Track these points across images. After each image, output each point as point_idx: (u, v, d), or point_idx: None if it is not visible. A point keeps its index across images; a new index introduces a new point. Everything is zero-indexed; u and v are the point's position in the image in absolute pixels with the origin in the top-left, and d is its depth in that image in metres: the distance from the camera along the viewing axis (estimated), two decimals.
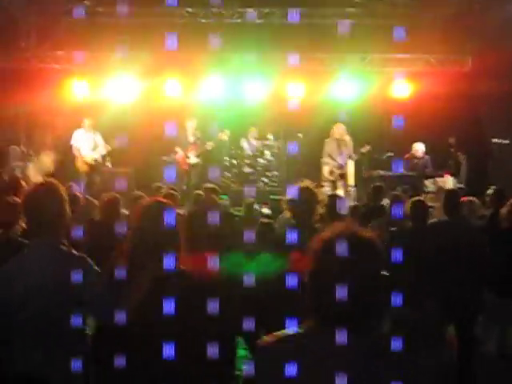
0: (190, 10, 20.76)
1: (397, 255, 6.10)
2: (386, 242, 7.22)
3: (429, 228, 7.36)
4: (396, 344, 2.76)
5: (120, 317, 4.20)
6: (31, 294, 4.12)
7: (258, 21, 20.95)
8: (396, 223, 8.12)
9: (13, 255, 4.40)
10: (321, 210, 6.56)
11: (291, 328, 2.83)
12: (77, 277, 4.13)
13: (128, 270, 4.40)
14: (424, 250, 6.58)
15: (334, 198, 8.28)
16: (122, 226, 7.05)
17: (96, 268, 4.28)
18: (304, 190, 6.26)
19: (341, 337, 2.64)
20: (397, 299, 6.20)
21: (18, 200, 6.13)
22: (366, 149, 16.93)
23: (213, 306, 4.45)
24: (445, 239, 7.16)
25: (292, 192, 10.25)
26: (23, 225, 6.03)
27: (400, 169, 16.23)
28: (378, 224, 8.29)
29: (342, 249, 2.69)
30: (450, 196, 8.10)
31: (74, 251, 4.39)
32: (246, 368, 2.93)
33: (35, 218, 4.36)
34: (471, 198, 9.88)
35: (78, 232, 8.09)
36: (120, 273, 4.39)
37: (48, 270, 4.13)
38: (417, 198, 7.85)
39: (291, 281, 4.82)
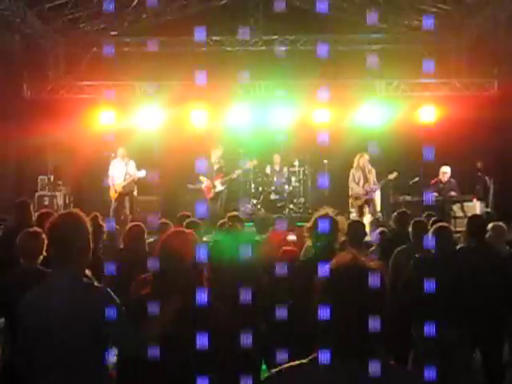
0: (215, 38, 20.91)
1: (420, 283, 6.07)
2: (410, 270, 7.19)
3: (452, 254, 7.27)
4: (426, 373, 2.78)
5: (144, 349, 4.22)
6: (50, 323, 4.13)
7: (284, 48, 21.05)
8: (420, 250, 8.06)
9: (35, 285, 4.44)
10: (342, 237, 6.53)
11: (304, 359, 2.84)
12: (97, 309, 4.15)
13: (151, 300, 4.42)
14: (447, 277, 6.52)
15: (354, 225, 8.20)
16: (146, 254, 7.10)
17: (117, 300, 4.28)
18: (323, 218, 6.23)
19: (349, 367, 2.65)
20: (424, 327, 6.19)
21: (41, 231, 6.16)
22: (393, 176, 16.86)
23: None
24: (468, 265, 7.08)
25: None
26: (44, 253, 6.07)
27: (431, 199, 16.11)
28: (402, 251, 8.23)
29: (343, 280, 2.71)
30: (474, 221, 8.02)
31: (96, 283, 4.41)
32: None
33: (58, 248, 4.37)
34: (498, 223, 9.77)
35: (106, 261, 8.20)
36: (143, 303, 4.41)
37: (67, 300, 4.13)
38: (440, 223, 7.73)
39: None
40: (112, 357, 4.78)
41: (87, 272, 4.54)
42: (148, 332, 4.32)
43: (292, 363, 2.84)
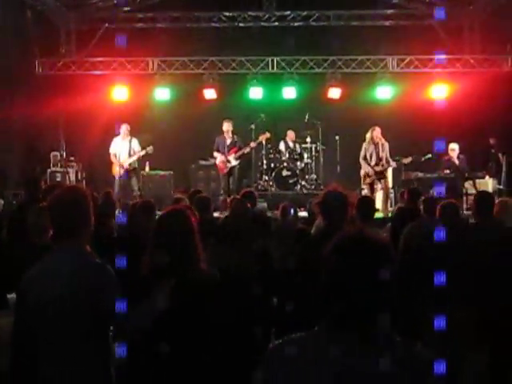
0: (227, 14, 20.84)
1: (426, 260, 6.07)
2: (418, 246, 7.18)
3: (459, 232, 7.23)
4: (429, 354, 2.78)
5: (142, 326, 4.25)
6: (50, 299, 4.15)
7: (297, 23, 20.97)
8: (431, 227, 8.05)
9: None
10: (353, 213, 6.52)
11: (303, 332, 2.86)
12: (94, 285, 4.18)
13: (148, 277, 4.45)
14: (454, 253, 6.49)
15: (364, 200, 8.19)
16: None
17: (115, 278, 4.29)
18: (333, 194, 6.21)
19: (350, 338, 2.66)
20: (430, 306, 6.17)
21: None
22: (408, 160, 16.81)
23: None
24: (476, 242, 7.05)
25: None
26: None
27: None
28: (412, 227, 8.21)
29: (350, 252, 2.71)
30: (481, 197, 7.98)
31: (96, 258, 4.42)
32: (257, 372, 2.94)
33: (58, 222, 4.39)
34: (504, 198, 9.74)
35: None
36: (142, 280, 4.44)
37: (65, 276, 4.15)
38: (446, 201, 7.71)
39: None
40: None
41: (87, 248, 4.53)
42: (145, 310, 4.34)
43: (295, 334, 2.86)
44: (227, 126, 17.70)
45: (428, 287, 5.89)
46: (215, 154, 17.87)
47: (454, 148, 16.83)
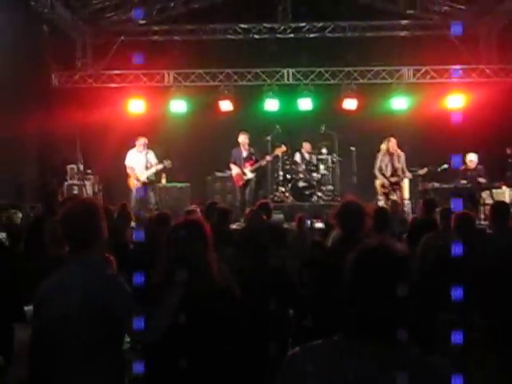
0: (243, 26, 20.90)
1: (442, 270, 6.05)
2: (434, 258, 7.16)
3: (474, 242, 7.21)
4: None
5: (155, 337, 4.25)
6: (63, 312, 4.16)
7: (312, 35, 21.01)
8: (448, 238, 8.04)
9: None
10: (369, 224, 6.51)
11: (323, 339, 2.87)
12: (107, 296, 4.19)
13: (163, 287, 4.46)
14: (469, 264, 6.46)
15: (380, 211, 8.18)
16: None
17: (127, 288, 4.30)
18: (349, 205, 6.22)
19: (366, 349, 2.66)
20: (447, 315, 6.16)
21: None
22: (423, 171, 16.84)
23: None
24: (491, 253, 7.03)
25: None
26: None
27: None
28: (428, 238, 8.19)
29: (371, 264, 2.72)
30: (497, 208, 7.96)
31: (109, 270, 4.44)
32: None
33: (69, 234, 4.43)
34: None
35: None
36: (157, 291, 4.45)
37: (78, 288, 4.17)
38: (462, 211, 7.69)
39: None
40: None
41: (111, 258, 4.56)
42: (159, 319, 4.35)
43: (314, 342, 2.86)
44: (243, 138, 17.71)
45: (445, 298, 5.89)
46: (231, 165, 17.88)
47: (472, 159, 16.78)
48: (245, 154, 17.76)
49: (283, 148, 18.49)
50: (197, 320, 4.38)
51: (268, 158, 18.01)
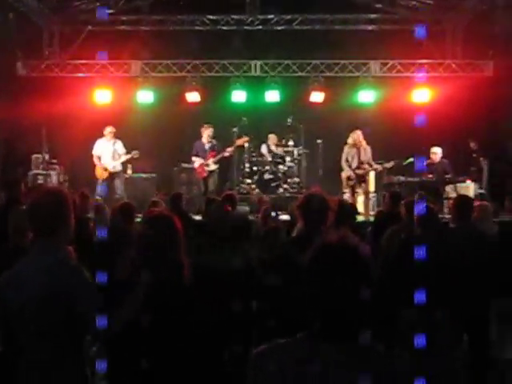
0: (211, 17, 20.85)
1: (404, 264, 6.09)
2: (396, 250, 7.21)
3: (437, 235, 7.28)
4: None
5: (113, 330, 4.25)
6: (25, 301, 4.16)
7: (280, 27, 21.01)
8: (412, 230, 8.11)
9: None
10: (332, 217, 6.51)
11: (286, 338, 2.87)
12: (69, 287, 4.18)
13: (127, 282, 4.46)
14: (431, 257, 6.51)
15: (344, 204, 8.23)
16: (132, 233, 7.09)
17: (89, 280, 4.29)
18: (312, 197, 6.22)
19: (329, 347, 2.68)
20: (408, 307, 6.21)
21: None
22: (389, 165, 16.87)
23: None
24: (453, 246, 7.11)
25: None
26: None
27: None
28: (392, 231, 8.24)
29: (329, 261, 2.73)
30: (459, 201, 8.02)
31: (72, 259, 4.42)
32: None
33: (35, 223, 4.42)
34: (483, 203, 9.81)
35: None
36: (121, 281, 4.45)
37: (42, 279, 4.16)
38: (425, 205, 7.76)
39: None
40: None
41: (70, 248, 4.54)
42: (119, 315, 4.35)
43: (276, 342, 2.88)
44: (207, 132, 17.74)
45: (407, 293, 5.94)
46: (193, 158, 17.89)
47: (436, 152, 16.91)
48: (207, 145, 17.77)
49: (245, 138, 18.51)
50: (160, 319, 4.39)
51: (230, 149, 18.02)
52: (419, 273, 4.98)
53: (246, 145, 18.78)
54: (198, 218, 13.22)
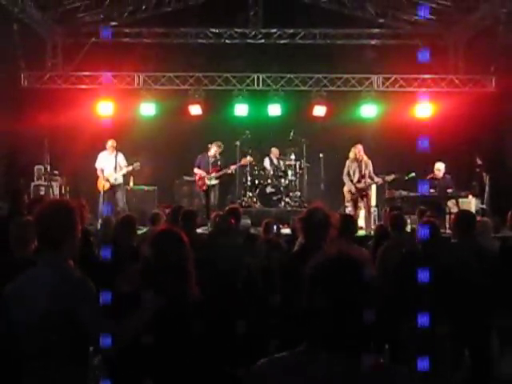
0: (214, 30, 20.91)
1: (405, 279, 6.09)
2: (397, 264, 7.22)
3: (438, 249, 7.26)
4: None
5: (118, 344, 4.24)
6: (29, 314, 4.15)
7: (282, 41, 21.07)
8: (401, 245, 8.15)
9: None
10: (334, 231, 6.49)
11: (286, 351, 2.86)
12: (74, 299, 4.18)
13: (136, 294, 4.45)
14: (432, 272, 6.51)
15: (346, 219, 8.20)
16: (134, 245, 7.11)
17: (93, 292, 4.28)
18: (315, 212, 6.22)
19: (330, 359, 2.66)
20: (410, 322, 6.20)
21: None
22: (390, 177, 16.84)
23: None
24: (454, 261, 7.09)
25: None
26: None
27: (425, 190, 16.09)
28: (386, 246, 8.27)
29: (329, 272, 2.72)
30: (460, 216, 7.98)
31: (77, 272, 4.41)
32: None
33: (42, 235, 4.41)
34: (483, 219, 9.81)
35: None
36: (128, 297, 4.44)
37: (45, 290, 4.15)
38: (426, 219, 7.75)
39: None
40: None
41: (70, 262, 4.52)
42: (124, 331, 4.34)
43: (277, 355, 2.86)
44: (215, 149, 17.78)
45: (408, 304, 5.94)
46: (196, 170, 17.90)
47: (439, 168, 16.90)
48: (212, 160, 17.77)
49: (249, 158, 18.53)
50: (167, 336, 4.38)
51: (233, 166, 18.07)
52: (420, 287, 4.98)
53: (248, 163, 18.78)
54: (199, 230, 13.21)
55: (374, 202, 17.82)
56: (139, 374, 4.39)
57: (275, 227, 12.08)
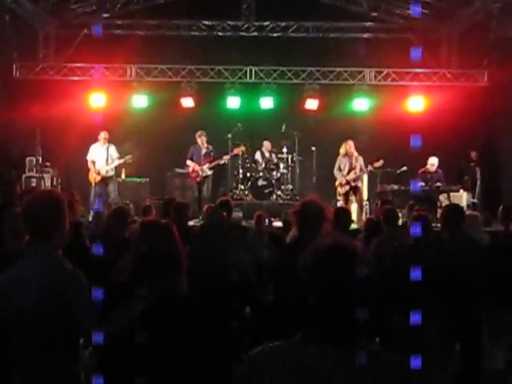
0: (206, 22, 20.88)
1: (397, 272, 6.11)
2: (390, 258, 7.24)
3: (429, 244, 7.27)
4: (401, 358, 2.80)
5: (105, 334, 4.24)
6: (20, 305, 4.15)
7: (275, 34, 21.06)
8: (393, 238, 8.16)
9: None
10: (328, 225, 6.49)
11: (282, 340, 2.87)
12: (65, 290, 4.18)
13: (125, 286, 4.44)
14: (424, 266, 6.52)
15: (340, 212, 8.23)
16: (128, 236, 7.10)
17: (83, 283, 4.28)
18: (310, 204, 6.21)
19: (326, 349, 2.67)
20: (402, 315, 6.23)
21: None
22: (379, 163, 16.83)
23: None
24: (444, 254, 7.11)
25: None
26: None
27: (418, 187, 16.11)
28: (381, 240, 8.28)
29: (325, 262, 2.72)
30: (449, 210, 7.98)
31: (67, 263, 4.41)
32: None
33: (30, 226, 4.39)
34: (473, 213, 9.84)
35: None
36: (119, 288, 4.43)
37: (35, 281, 4.15)
38: (417, 213, 7.78)
39: None
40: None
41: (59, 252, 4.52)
42: (115, 319, 4.35)
43: (271, 344, 2.87)
44: (201, 139, 17.75)
45: (400, 297, 5.97)
46: (188, 162, 17.88)
47: (433, 163, 16.91)
48: (203, 151, 17.77)
49: (242, 148, 18.57)
50: (157, 333, 4.37)
51: (226, 157, 18.08)
52: (411, 281, 5.00)
53: (241, 153, 18.79)
54: (191, 223, 13.21)
55: (365, 195, 17.86)
56: (131, 369, 4.38)
57: (267, 220, 12.11)
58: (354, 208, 16.67)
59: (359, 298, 2.67)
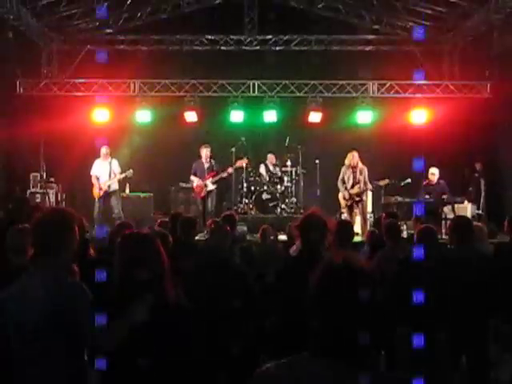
0: (209, 37, 20.95)
1: (402, 285, 6.09)
2: (393, 273, 7.22)
3: (436, 257, 7.23)
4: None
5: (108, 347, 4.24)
6: (24, 321, 4.16)
7: (278, 47, 21.11)
8: (396, 252, 8.15)
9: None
10: (331, 237, 6.48)
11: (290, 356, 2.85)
12: (68, 305, 4.19)
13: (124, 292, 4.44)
14: (430, 278, 6.51)
15: (343, 225, 8.19)
16: None
17: (88, 297, 4.29)
18: (312, 217, 6.21)
19: (331, 367, 2.66)
20: (409, 329, 6.21)
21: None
22: (384, 182, 16.81)
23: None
24: (452, 268, 7.07)
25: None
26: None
27: (421, 211, 16.04)
28: (383, 255, 8.27)
29: (335, 281, 2.70)
30: (457, 222, 7.93)
31: (70, 278, 4.41)
32: None
33: (37, 242, 4.44)
34: (478, 224, 9.80)
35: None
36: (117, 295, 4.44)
37: (40, 296, 4.17)
38: (424, 225, 7.75)
39: None
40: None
41: (75, 269, 4.54)
42: (115, 331, 4.34)
43: (278, 361, 2.85)
44: (205, 151, 17.75)
45: (406, 310, 5.94)
46: (192, 177, 17.88)
47: (434, 172, 16.90)
48: (206, 165, 17.77)
49: (245, 160, 18.55)
50: (163, 327, 4.37)
51: (229, 170, 18.03)
52: (418, 293, 4.98)
53: (244, 165, 18.78)
54: (196, 238, 13.19)
55: (369, 208, 17.84)
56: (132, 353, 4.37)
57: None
58: (357, 220, 16.65)
59: (370, 318, 2.66)
